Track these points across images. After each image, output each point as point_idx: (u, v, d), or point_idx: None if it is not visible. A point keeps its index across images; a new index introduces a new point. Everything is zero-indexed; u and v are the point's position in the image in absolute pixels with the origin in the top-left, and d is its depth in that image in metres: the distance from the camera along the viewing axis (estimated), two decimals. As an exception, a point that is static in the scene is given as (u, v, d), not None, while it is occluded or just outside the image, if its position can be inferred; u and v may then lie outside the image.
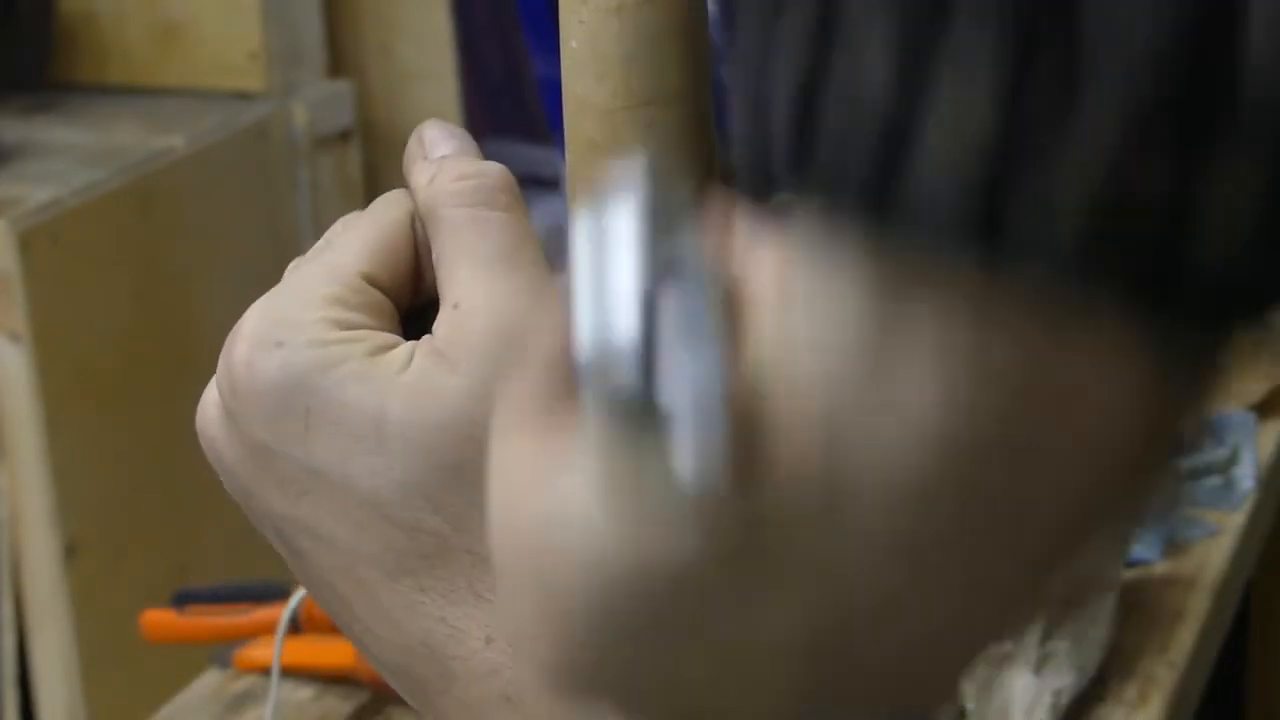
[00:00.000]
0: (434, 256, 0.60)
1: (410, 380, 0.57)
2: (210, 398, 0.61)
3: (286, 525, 0.59)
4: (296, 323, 0.58)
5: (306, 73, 2.82)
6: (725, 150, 0.61)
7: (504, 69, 3.41)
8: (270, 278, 0.63)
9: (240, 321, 0.59)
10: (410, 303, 0.61)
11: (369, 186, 2.87)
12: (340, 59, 2.89)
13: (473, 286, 0.58)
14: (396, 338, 0.59)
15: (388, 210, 0.61)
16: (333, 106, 2.83)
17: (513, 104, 3.41)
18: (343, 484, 0.57)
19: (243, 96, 2.75)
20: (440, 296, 0.59)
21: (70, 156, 2.54)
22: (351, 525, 0.58)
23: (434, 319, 0.60)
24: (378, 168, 2.86)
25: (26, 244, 2.30)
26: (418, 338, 0.60)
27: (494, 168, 0.60)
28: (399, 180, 0.64)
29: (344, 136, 2.84)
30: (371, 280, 0.59)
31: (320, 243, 0.63)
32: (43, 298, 2.32)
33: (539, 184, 3.30)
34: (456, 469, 0.57)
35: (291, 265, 0.63)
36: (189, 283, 2.57)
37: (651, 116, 0.59)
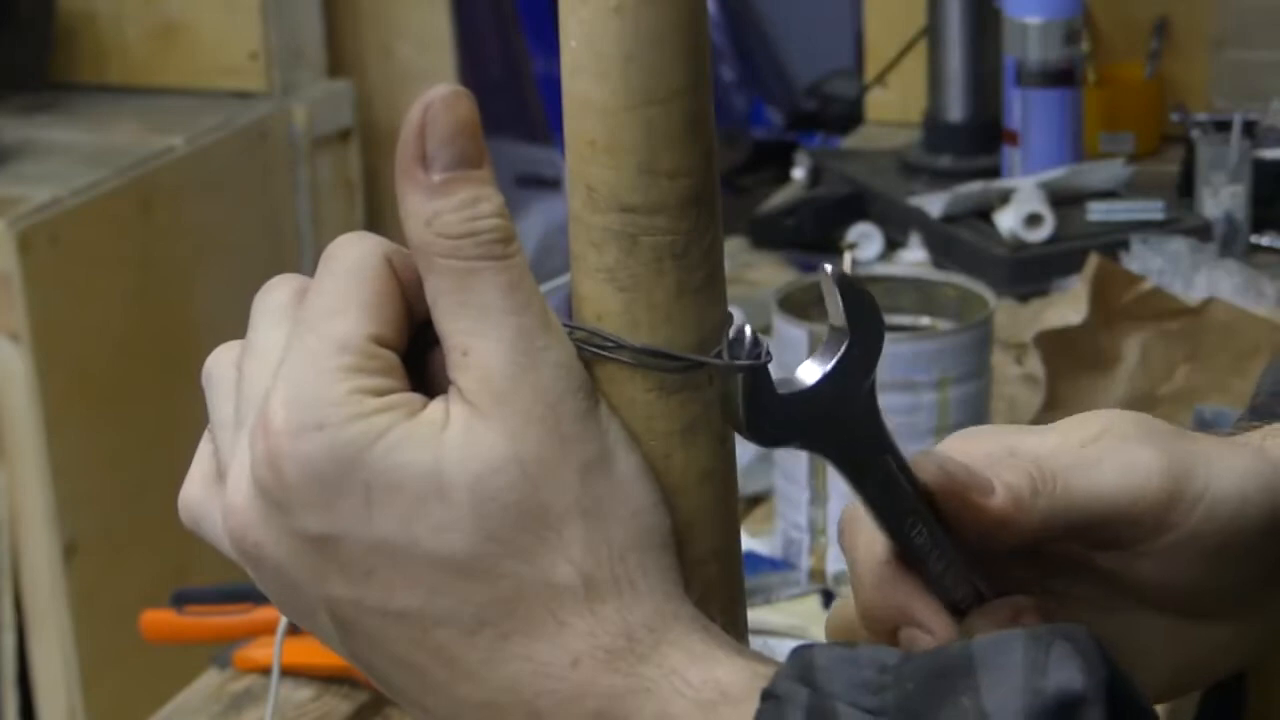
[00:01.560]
0: (428, 295, 0.59)
1: (457, 433, 0.58)
2: (240, 504, 0.60)
3: (350, 609, 0.59)
4: (328, 401, 0.58)
5: (306, 73, 2.82)
6: (724, 148, 0.61)
7: (504, 69, 3.41)
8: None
9: (264, 414, 0.58)
10: (406, 347, 0.61)
11: (368, 186, 2.88)
12: (340, 59, 2.89)
13: (480, 336, 0.58)
14: (423, 396, 0.59)
15: (365, 260, 0.60)
16: (333, 106, 2.83)
17: (513, 104, 3.41)
18: (410, 551, 0.58)
19: (243, 96, 2.75)
20: (442, 338, 0.59)
21: (70, 156, 2.54)
22: (424, 591, 0.58)
23: (425, 349, 0.60)
24: (377, 168, 2.86)
25: (26, 244, 2.30)
26: (415, 369, 0.60)
27: (489, 220, 0.59)
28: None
29: (344, 136, 2.84)
30: (380, 340, 0.59)
31: (275, 312, 0.61)
32: (43, 298, 2.32)
33: (539, 184, 3.30)
34: (519, 506, 0.57)
35: (260, 319, 0.61)
36: (188, 283, 2.57)
37: (651, 115, 0.59)
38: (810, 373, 0.62)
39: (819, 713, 0.55)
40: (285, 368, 0.59)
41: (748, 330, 0.60)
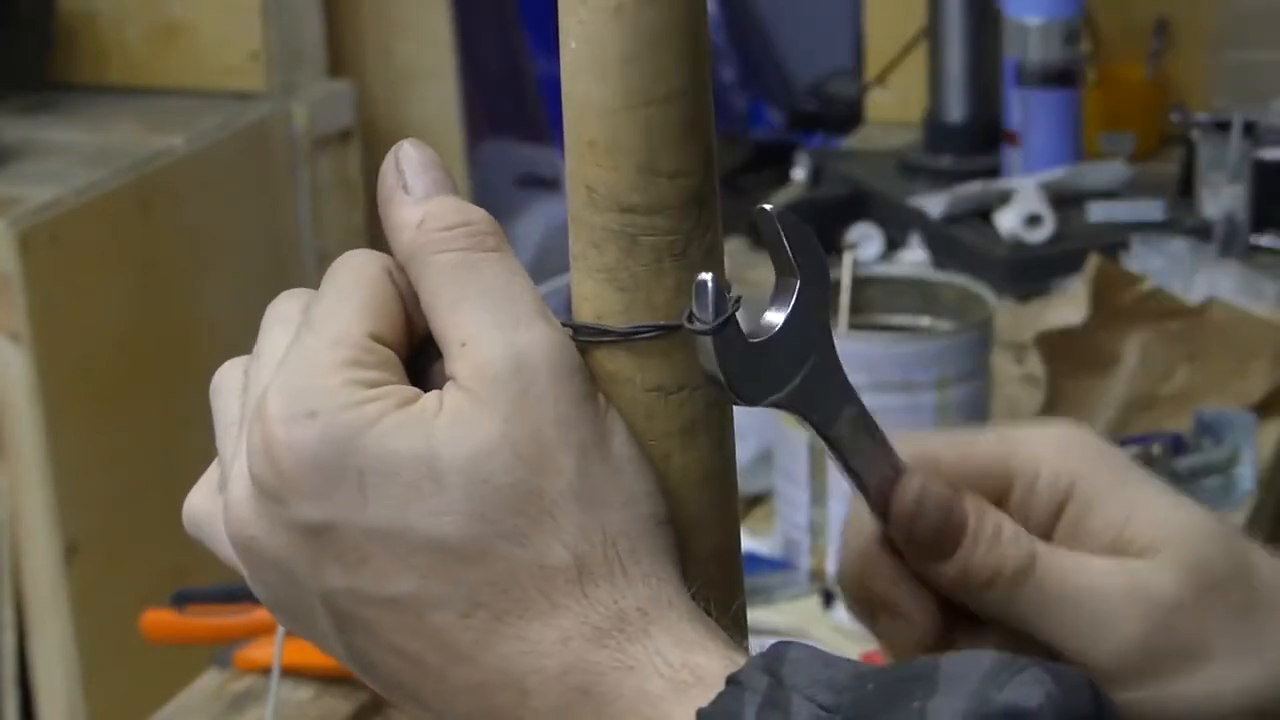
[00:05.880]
0: (423, 301, 0.61)
1: (450, 418, 0.58)
2: (237, 498, 0.60)
3: (346, 600, 0.60)
4: (322, 390, 0.59)
5: (306, 73, 2.82)
6: (724, 148, 0.61)
7: (504, 69, 3.41)
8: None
9: (260, 406, 0.59)
10: (406, 353, 0.61)
11: (368, 186, 2.87)
12: (340, 59, 2.89)
13: (478, 324, 0.59)
14: (416, 389, 0.60)
15: (365, 268, 0.62)
16: (333, 106, 2.83)
17: (513, 104, 3.41)
18: (404, 535, 0.58)
19: (243, 96, 2.75)
20: (439, 338, 0.60)
21: (70, 156, 2.54)
22: (418, 575, 0.59)
23: (427, 364, 0.61)
24: (377, 168, 2.85)
25: (26, 244, 2.30)
26: (418, 384, 0.60)
27: (478, 213, 0.61)
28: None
29: (344, 136, 2.84)
30: (378, 338, 0.60)
31: (283, 320, 0.62)
32: (43, 298, 2.32)
33: (539, 184, 3.30)
34: (513, 489, 0.58)
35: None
36: (188, 283, 2.57)
37: (651, 116, 0.59)
38: (774, 318, 0.61)
39: (773, 701, 0.55)
40: (283, 364, 0.60)
41: (710, 285, 0.59)
